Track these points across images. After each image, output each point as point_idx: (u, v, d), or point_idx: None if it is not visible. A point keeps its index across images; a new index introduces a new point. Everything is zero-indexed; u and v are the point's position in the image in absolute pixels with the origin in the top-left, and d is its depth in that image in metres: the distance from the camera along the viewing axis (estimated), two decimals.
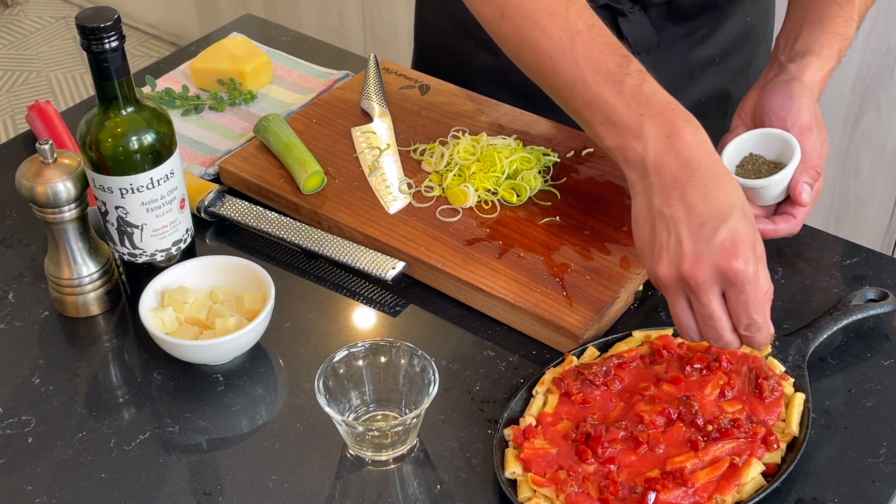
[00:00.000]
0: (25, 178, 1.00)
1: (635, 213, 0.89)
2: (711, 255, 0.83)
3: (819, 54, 1.04)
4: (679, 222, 0.85)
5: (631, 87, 0.89)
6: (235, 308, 1.04)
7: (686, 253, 0.84)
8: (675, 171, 0.86)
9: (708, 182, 0.85)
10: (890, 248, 2.18)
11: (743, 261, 0.83)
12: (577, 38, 0.91)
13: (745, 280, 0.83)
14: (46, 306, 1.09)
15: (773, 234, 1.02)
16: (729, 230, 0.83)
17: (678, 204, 0.85)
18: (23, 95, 3.29)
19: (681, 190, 0.85)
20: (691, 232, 0.84)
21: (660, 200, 0.86)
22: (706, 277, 0.84)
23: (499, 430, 0.92)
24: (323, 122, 1.28)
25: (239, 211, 1.17)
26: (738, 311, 0.85)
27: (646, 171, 0.87)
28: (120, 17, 0.96)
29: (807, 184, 1.01)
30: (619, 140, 0.89)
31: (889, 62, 1.95)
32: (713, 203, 0.84)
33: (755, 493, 0.86)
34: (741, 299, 0.84)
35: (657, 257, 0.86)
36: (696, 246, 0.83)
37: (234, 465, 0.93)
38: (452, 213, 1.14)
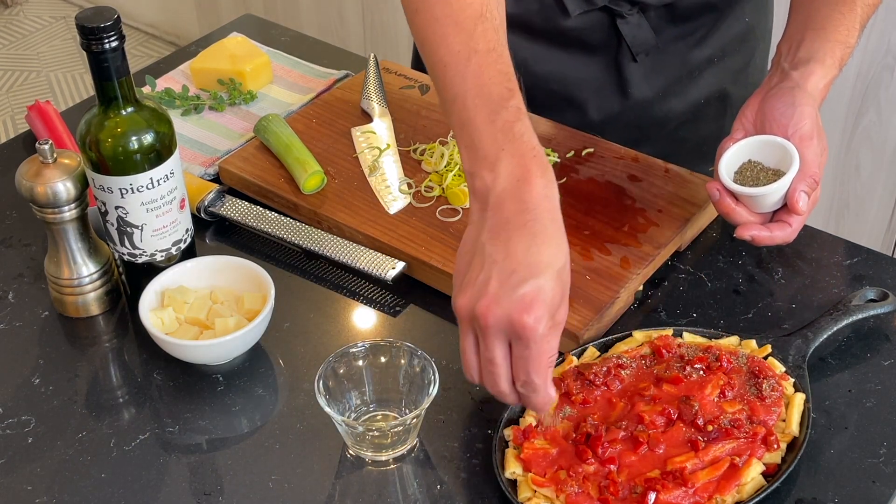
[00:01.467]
0: (25, 178, 1.00)
1: (463, 240, 0.88)
2: (509, 302, 0.82)
3: (822, 62, 1.04)
4: (494, 263, 0.84)
5: (503, 121, 0.88)
6: (235, 308, 1.04)
7: (488, 293, 0.83)
8: (512, 215, 0.85)
9: (537, 235, 0.84)
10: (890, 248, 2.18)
11: (535, 318, 0.82)
12: (473, 56, 0.90)
13: (532, 337, 0.82)
14: (46, 306, 1.09)
15: (769, 241, 1.03)
16: (535, 286, 0.82)
17: (501, 246, 0.84)
18: (23, 95, 3.29)
19: (509, 233, 0.84)
20: (501, 276, 0.83)
21: (487, 236, 0.85)
22: (496, 322, 0.83)
23: (499, 430, 0.92)
24: (323, 122, 1.28)
25: (239, 211, 1.17)
26: (518, 367, 0.85)
27: (486, 205, 0.86)
28: (120, 17, 0.96)
29: (804, 192, 1.01)
30: (474, 167, 0.88)
31: (889, 62, 1.95)
32: (533, 256, 0.83)
33: (755, 493, 0.86)
34: (524, 355, 0.83)
35: (463, 288, 0.85)
36: (499, 290, 0.82)
37: (234, 465, 0.93)
38: (452, 213, 1.14)
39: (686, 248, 1.14)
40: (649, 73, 1.28)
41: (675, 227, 1.11)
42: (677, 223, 1.11)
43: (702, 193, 1.14)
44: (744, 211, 1.03)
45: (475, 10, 0.92)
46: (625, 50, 1.26)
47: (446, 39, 0.92)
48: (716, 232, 1.16)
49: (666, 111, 1.32)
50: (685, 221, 1.12)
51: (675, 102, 1.31)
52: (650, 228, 1.11)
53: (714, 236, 1.15)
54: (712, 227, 1.16)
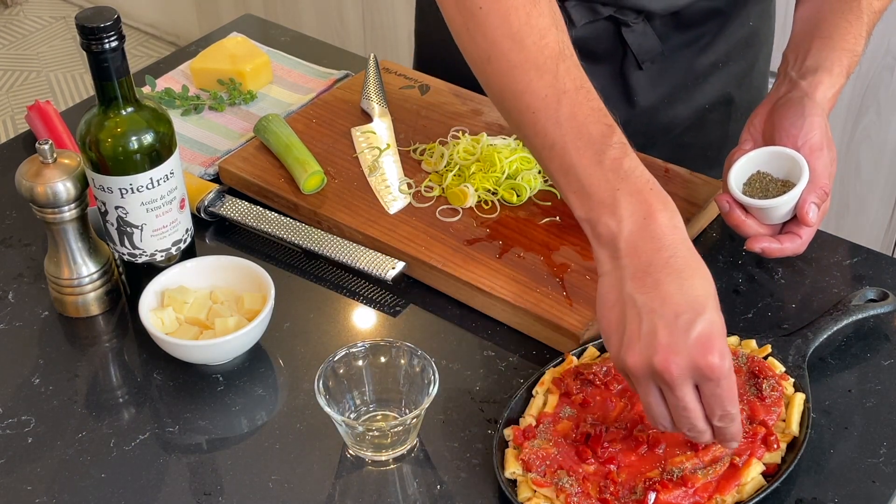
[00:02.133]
0: (25, 178, 1.00)
1: (603, 293, 0.85)
2: (687, 349, 0.79)
3: (830, 71, 1.03)
4: (653, 311, 0.81)
5: (611, 160, 0.85)
6: (235, 308, 1.04)
7: (661, 345, 0.80)
8: (650, 256, 0.82)
9: (683, 270, 0.82)
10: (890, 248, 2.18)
11: (719, 356, 0.79)
12: (563, 98, 0.87)
13: (721, 375, 0.80)
14: (46, 306, 1.09)
15: (779, 252, 1.02)
16: (706, 323, 0.80)
17: (653, 292, 0.81)
18: (23, 95, 3.29)
19: (655, 277, 0.82)
20: (666, 322, 0.80)
21: (632, 286, 0.82)
22: (681, 372, 0.80)
23: (499, 430, 0.92)
24: (323, 122, 1.28)
25: (239, 211, 1.17)
26: (712, 405, 0.82)
27: (617, 251, 0.84)
28: (120, 17, 0.96)
29: (814, 204, 1.00)
30: (592, 213, 0.86)
31: (889, 62, 1.95)
32: (689, 293, 0.81)
33: (755, 493, 0.86)
34: (716, 393, 0.81)
35: (627, 346, 0.82)
36: (671, 339, 0.80)
37: (234, 465, 0.93)
38: (452, 213, 1.14)
39: None
40: (655, 80, 1.28)
41: None
42: None
43: (702, 193, 1.14)
44: (753, 223, 1.03)
45: (553, 49, 0.89)
46: (630, 58, 1.25)
47: (531, 85, 0.88)
48: (716, 232, 1.16)
49: (671, 117, 1.31)
50: (685, 221, 1.11)
51: (681, 108, 1.31)
52: None
53: (714, 236, 1.15)
54: (712, 227, 1.16)
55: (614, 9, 1.21)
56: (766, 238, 1.02)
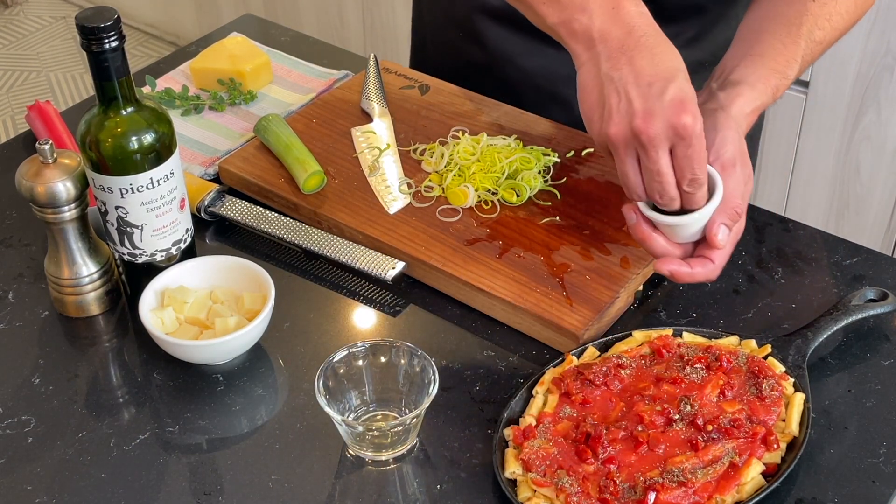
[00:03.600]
0: (25, 178, 1.00)
1: (582, 82, 0.92)
2: (662, 111, 0.87)
3: (753, 86, 1.00)
4: (628, 83, 0.88)
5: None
6: (235, 308, 1.04)
7: (637, 110, 0.87)
8: (622, 39, 0.89)
9: (654, 47, 0.89)
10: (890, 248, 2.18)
11: (692, 116, 0.87)
12: None
13: (693, 134, 0.87)
14: (46, 306, 1.09)
15: (689, 277, 0.96)
16: (677, 88, 0.87)
17: (626, 67, 0.89)
18: (23, 95, 3.29)
19: (628, 55, 0.89)
20: (641, 91, 0.88)
21: (608, 66, 0.89)
22: (657, 132, 0.87)
23: (499, 430, 0.92)
24: (323, 122, 1.28)
25: (239, 211, 1.17)
26: (683, 167, 0.89)
27: (592, 41, 0.90)
28: (120, 17, 0.96)
29: (724, 225, 0.94)
30: (564, 14, 0.92)
31: (889, 62, 1.95)
32: (659, 66, 0.88)
33: (755, 493, 0.86)
34: (688, 154, 0.88)
35: (608, 118, 0.89)
36: (647, 104, 0.87)
37: (234, 465, 0.93)
38: (452, 213, 1.14)
39: None
40: None
41: None
42: None
43: None
44: (661, 239, 0.96)
45: None
46: None
47: None
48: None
49: None
50: None
51: None
52: None
53: None
54: None
55: None
56: (675, 260, 0.96)
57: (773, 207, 1.94)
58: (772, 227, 1.16)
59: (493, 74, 1.33)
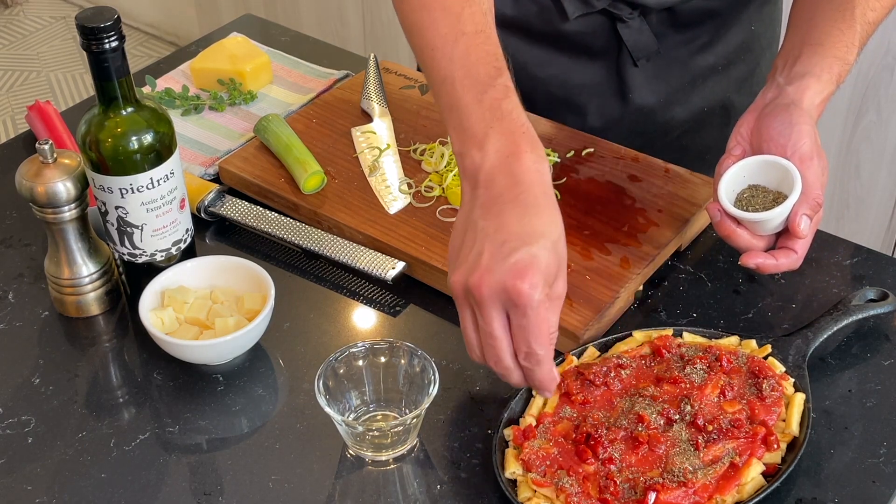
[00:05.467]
0: (25, 178, 1.00)
1: (456, 221, 0.88)
2: (502, 271, 0.81)
3: (819, 77, 1.02)
4: (486, 236, 0.83)
5: (491, 99, 0.88)
6: (235, 308, 1.04)
7: (480, 265, 0.82)
8: (503, 189, 0.85)
9: (529, 206, 0.84)
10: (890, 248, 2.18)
11: (529, 284, 0.80)
12: (460, 39, 0.91)
13: (528, 304, 0.81)
14: (46, 306, 1.09)
15: (774, 268, 1.00)
16: (527, 253, 0.81)
17: (493, 219, 0.84)
18: (23, 95, 3.29)
19: (500, 207, 0.84)
20: (493, 247, 0.83)
21: (479, 213, 0.85)
22: (490, 292, 0.82)
23: (499, 430, 0.92)
24: (323, 122, 1.28)
25: (239, 211, 1.17)
26: (518, 338, 0.84)
27: (476, 182, 0.86)
28: (120, 17, 0.96)
29: (806, 216, 0.98)
30: (464, 147, 0.88)
31: (889, 62, 1.95)
32: (525, 226, 0.83)
33: (755, 493, 0.86)
34: (522, 324, 0.82)
35: (457, 265, 0.85)
36: (491, 260, 0.82)
37: (234, 465, 0.93)
38: (452, 213, 1.14)
39: (686, 248, 1.14)
40: (651, 78, 1.28)
41: (676, 227, 1.11)
42: (677, 223, 1.11)
43: (702, 193, 1.14)
44: (745, 233, 1.01)
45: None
46: (626, 55, 1.25)
47: (435, 24, 0.92)
48: (716, 232, 1.15)
49: (668, 118, 1.31)
50: (685, 221, 1.12)
51: (678, 110, 1.31)
52: (650, 228, 1.11)
53: (714, 236, 1.15)
54: (712, 226, 1.16)
55: (608, 2, 1.21)
56: (760, 254, 1.00)
57: None
58: None
59: None
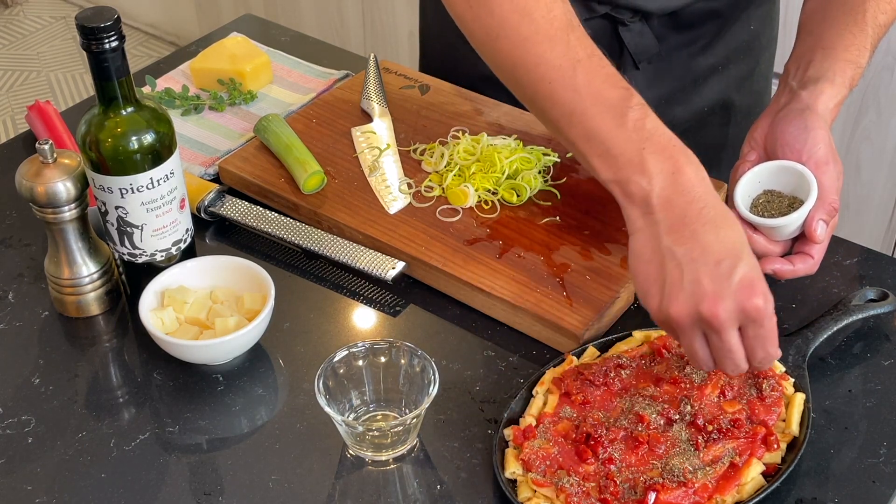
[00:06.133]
0: (25, 178, 1.00)
1: (637, 250, 0.88)
2: (732, 294, 0.83)
3: (832, 81, 1.02)
4: (694, 261, 0.84)
5: (633, 121, 0.88)
6: (235, 308, 1.04)
7: (706, 292, 0.83)
8: (684, 208, 0.85)
9: (717, 220, 0.85)
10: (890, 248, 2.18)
11: (763, 298, 0.83)
12: (577, 66, 0.90)
13: (765, 316, 0.84)
14: (46, 306, 1.09)
15: (791, 274, 1.00)
16: (747, 268, 0.83)
17: (691, 242, 0.84)
18: (23, 95, 3.29)
19: (691, 228, 0.85)
20: (708, 270, 0.83)
21: (670, 239, 0.85)
22: (728, 316, 0.83)
23: (499, 430, 0.92)
24: (323, 122, 1.28)
25: (239, 211, 1.17)
26: (754, 346, 0.85)
27: (650, 208, 0.86)
28: (120, 17, 0.96)
29: (822, 221, 0.98)
30: (620, 174, 0.88)
31: (889, 62, 1.95)
32: (725, 241, 0.84)
33: (755, 493, 0.86)
34: (760, 334, 0.85)
35: (670, 297, 0.85)
36: (716, 285, 0.83)
37: (234, 465, 0.93)
38: (452, 213, 1.14)
39: None
40: (652, 80, 1.27)
41: None
42: None
43: None
44: (761, 239, 1.00)
45: (561, 20, 0.91)
46: (627, 57, 1.25)
47: (544, 56, 0.90)
48: None
49: (669, 119, 1.30)
50: None
51: (679, 110, 1.31)
52: None
53: None
54: None
55: (610, 7, 1.21)
56: (777, 259, 0.99)
57: None
58: None
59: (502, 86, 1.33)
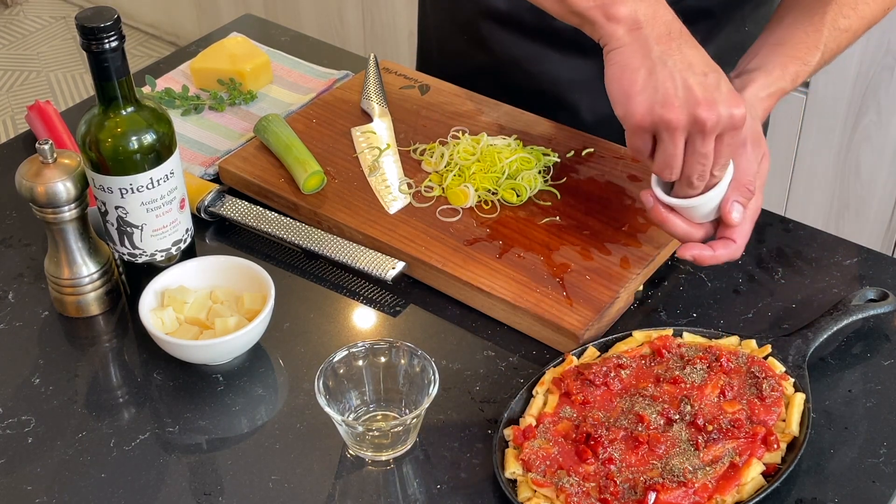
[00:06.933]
0: (25, 178, 1.00)
1: (623, 61, 0.92)
2: (722, 101, 0.90)
3: (769, 72, 1.03)
4: (684, 71, 0.91)
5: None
6: (235, 308, 1.04)
7: (700, 99, 0.90)
8: (668, 25, 0.92)
9: (691, 40, 0.93)
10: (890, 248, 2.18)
11: (743, 108, 0.91)
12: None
13: (741, 124, 0.92)
14: (46, 306, 1.09)
15: (712, 259, 0.99)
16: (727, 84, 0.92)
17: (678, 55, 0.91)
18: (23, 95, 3.29)
19: (677, 42, 0.92)
20: (699, 80, 0.91)
21: (660, 49, 0.91)
22: (717, 121, 0.90)
23: (499, 430, 0.92)
24: (323, 122, 1.28)
25: (239, 211, 1.17)
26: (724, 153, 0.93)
27: (637, 23, 0.92)
28: (120, 17, 0.96)
29: (737, 203, 0.97)
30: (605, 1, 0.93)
31: (889, 62, 1.95)
32: (705, 58, 0.93)
33: (755, 493, 0.86)
34: (733, 141, 0.93)
35: (665, 103, 0.90)
36: (707, 93, 0.90)
37: (234, 465, 0.93)
38: (452, 213, 1.14)
39: None
40: None
41: None
42: None
43: None
44: (679, 221, 0.99)
45: None
46: None
47: None
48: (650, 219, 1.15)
49: None
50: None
51: None
52: (650, 228, 1.11)
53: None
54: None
55: None
56: (697, 245, 0.99)
57: (774, 207, 1.93)
58: (772, 227, 1.16)
59: (498, 79, 1.33)
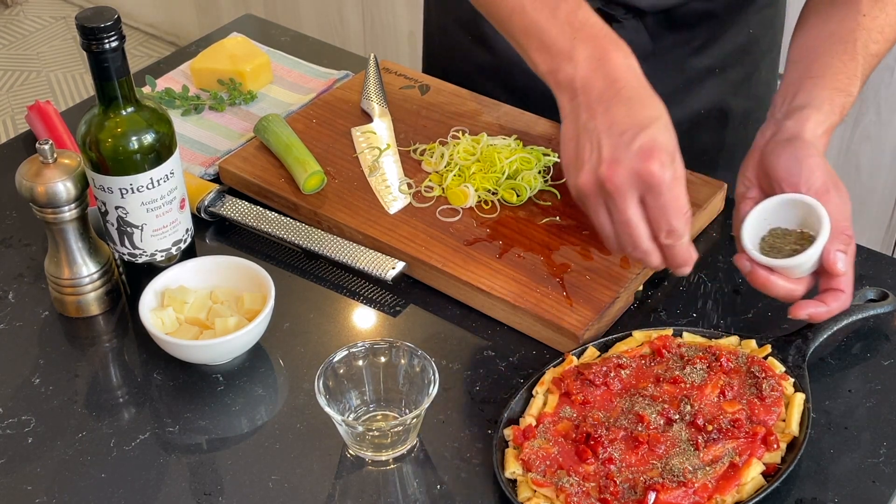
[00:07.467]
0: (25, 178, 1.00)
1: (563, 133, 0.92)
2: (629, 158, 0.86)
3: (819, 108, 0.99)
4: (601, 133, 0.88)
5: (566, 13, 0.92)
6: (235, 308, 1.04)
7: (605, 158, 0.87)
8: (602, 90, 0.89)
9: (632, 99, 0.89)
10: (890, 248, 2.18)
11: (659, 164, 0.85)
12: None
13: (661, 182, 0.86)
14: (46, 306, 1.09)
15: (828, 314, 0.95)
16: (648, 137, 0.86)
17: (602, 117, 0.89)
18: (23, 95, 3.29)
19: (606, 105, 0.89)
20: (611, 140, 0.87)
21: (586, 116, 0.89)
22: (623, 180, 0.86)
23: (499, 430, 0.92)
24: (323, 122, 1.28)
25: (239, 211, 1.17)
26: (657, 217, 0.88)
27: (574, 92, 0.90)
28: (120, 17, 0.96)
29: (840, 252, 0.93)
30: (552, 64, 0.92)
31: (889, 62, 1.95)
32: (636, 116, 0.88)
33: (755, 493, 0.86)
34: (659, 204, 0.87)
35: (578, 168, 0.89)
36: (615, 152, 0.86)
37: (234, 465, 0.93)
38: (452, 213, 1.14)
39: None
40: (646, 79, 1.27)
41: None
42: None
43: (701, 193, 1.14)
44: (781, 280, 0.95)
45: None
46: None
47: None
48: (716, 232, 1.16)
49: None
50: None
51: (673, 111, 1.30)
52: None
53: (714, 236, 1.15)
54: (712, 227, 1.16)
55: (602, 2, 1.21)
56: (809, 303, 0.94)
57: None
58: None
59: (501, 78, 1.33)
